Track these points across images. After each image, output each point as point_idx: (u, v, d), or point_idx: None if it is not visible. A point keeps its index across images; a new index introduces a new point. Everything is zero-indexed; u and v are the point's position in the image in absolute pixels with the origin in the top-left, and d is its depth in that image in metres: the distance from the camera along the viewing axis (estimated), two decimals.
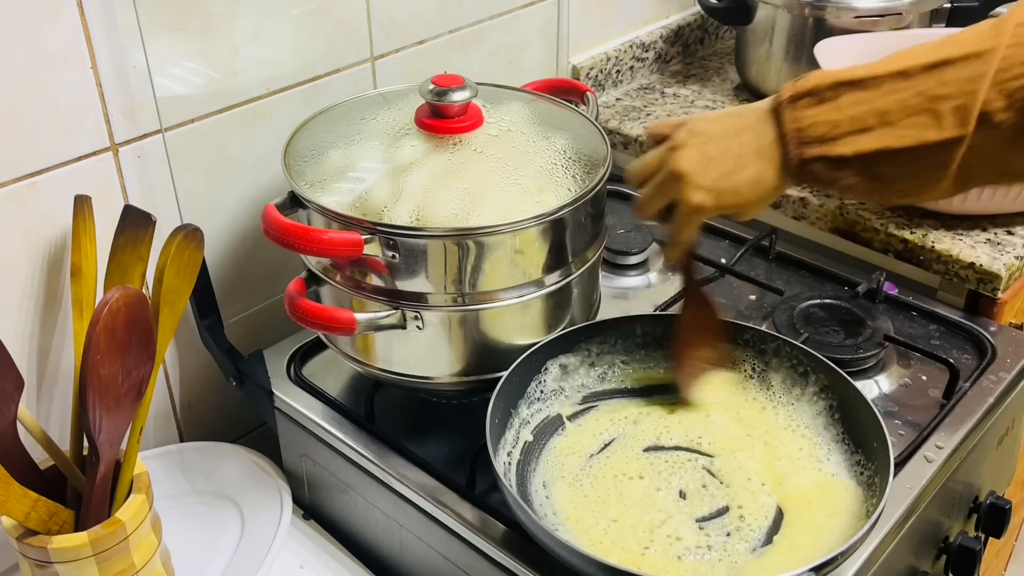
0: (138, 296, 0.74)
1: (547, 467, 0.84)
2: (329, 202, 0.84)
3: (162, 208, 0.96)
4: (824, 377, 0.86)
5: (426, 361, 0.88)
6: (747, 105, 0.80)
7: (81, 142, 0.89)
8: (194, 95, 0.96)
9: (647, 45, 1.48)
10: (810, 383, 0.87)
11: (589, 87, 1.06)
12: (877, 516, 0.72)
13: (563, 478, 0.82)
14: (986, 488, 1.05)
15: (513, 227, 0.81)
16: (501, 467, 0.78)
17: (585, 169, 0.88)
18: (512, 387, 0.85)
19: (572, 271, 0.88)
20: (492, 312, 0.85)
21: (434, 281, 0.83)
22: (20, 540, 0.78)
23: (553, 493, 0.81)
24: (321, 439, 0.95)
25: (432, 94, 0.87)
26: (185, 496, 0.99)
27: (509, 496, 0.74)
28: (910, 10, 1.29)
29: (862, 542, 0.71)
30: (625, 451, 0.85)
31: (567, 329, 0.90)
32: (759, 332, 0.90)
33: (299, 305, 0.83)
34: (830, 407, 0.85)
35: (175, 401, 1.07)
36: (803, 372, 0.87)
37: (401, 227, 0.81)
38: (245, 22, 0.96)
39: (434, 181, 0.84)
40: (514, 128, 0.92)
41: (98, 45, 0.87)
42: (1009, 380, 0.97)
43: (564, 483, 0.82)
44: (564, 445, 0.85)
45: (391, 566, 0.95)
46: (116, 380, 0.74)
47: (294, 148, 0.90)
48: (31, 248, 0.89)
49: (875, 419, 0.79)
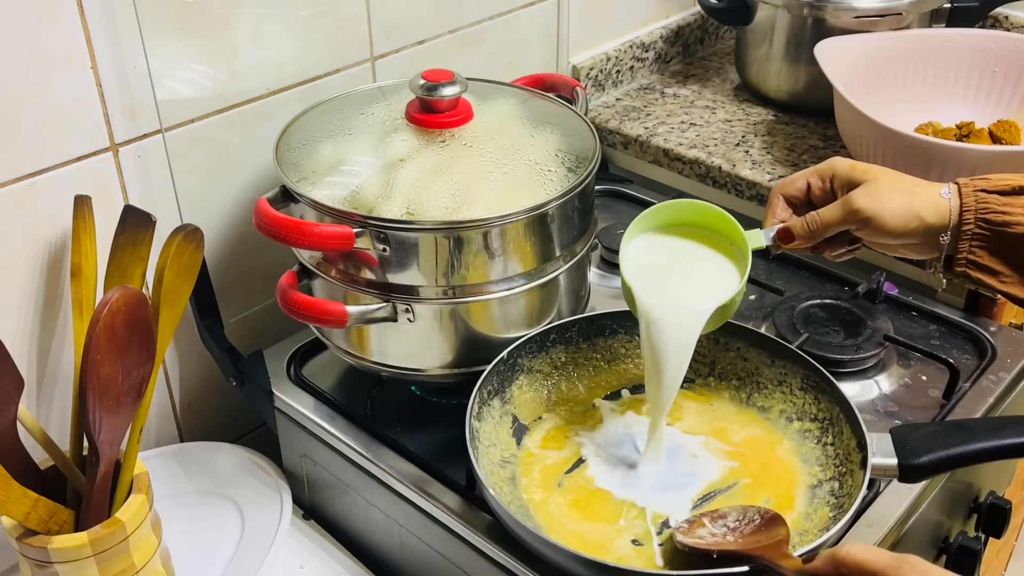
0: (138, 296, 0.74)
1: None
2: (320, 196, 0.84)
3: (162, 208, 0.96)
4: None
5: (418, 353, 0.89)
6: None
7: (81, 142, 0.89)
8: (194, 95, 0.96)
9: (647, 45, 1.48)
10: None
11: (579, 82, 1.07)
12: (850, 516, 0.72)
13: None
14: (986, 488, 1.05)
15: (503, 220, 0.83)
16: (483, 470, 0.78)
17: (574, 164, 0.89)
18: (492, 384, 0.86)
19: (560, 265, 0.89)
20: (482, 305, 0.86)
21: (425, 274, 0.84)
22: (20, 540, 0.78)
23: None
24: (321, 439, 0.95)
25: (422, 89, 0.88)
26: (185, 496, 0.99)
27: (491, 499, 0.76)
28: (910, 10, 1.29)
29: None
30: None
31: (552, 324, 0.90)
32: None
33: (291, 298, 0.84)
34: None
35: (175, 401, 1.07)
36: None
37: (392, 220, 0.82)
38: (245, 22, 0.96)
39: (424, 175, 0.85)
40: (504, 123, 0.92)
41: (98, 45, 0.87)
42: (1009, 380, 0.97)
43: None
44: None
45: (391, 566, 0.95)
46: (116, 380, 0.74)
47: (286, 142, 0.91)
48: (31, 248, 0.89)
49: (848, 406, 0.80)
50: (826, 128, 1.33)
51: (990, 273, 0.81)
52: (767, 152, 1.28)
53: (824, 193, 0.86)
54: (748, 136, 1.32)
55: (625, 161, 1.37)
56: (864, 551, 0.62)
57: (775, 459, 0.84)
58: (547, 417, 0.89)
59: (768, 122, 1.36)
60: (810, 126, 1.35)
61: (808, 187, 0.87)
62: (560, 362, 0.91)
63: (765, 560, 0.67)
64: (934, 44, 1.27)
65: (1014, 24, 1.51)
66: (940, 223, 0.81)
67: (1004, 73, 1.24)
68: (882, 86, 1.24)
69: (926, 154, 1.05)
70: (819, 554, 0.65)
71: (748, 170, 1.23)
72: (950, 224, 0.80)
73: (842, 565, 0.62)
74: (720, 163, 1.25)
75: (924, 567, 0.60)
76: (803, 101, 1.36)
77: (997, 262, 0.80)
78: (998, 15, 1.52)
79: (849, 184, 0.84)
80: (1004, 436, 0.73)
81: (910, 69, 1.26)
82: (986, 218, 0.79)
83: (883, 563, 0.61)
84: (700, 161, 1.27)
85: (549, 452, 0.86)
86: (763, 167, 1.24)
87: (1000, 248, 0.80)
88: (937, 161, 1.04)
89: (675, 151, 1.29)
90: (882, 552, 0.62)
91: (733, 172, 1.24)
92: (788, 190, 0.88)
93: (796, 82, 1.36)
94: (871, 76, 1.23)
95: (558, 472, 0.84)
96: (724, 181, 1.25)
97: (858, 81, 1.18)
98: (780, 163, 1.25)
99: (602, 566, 0.70)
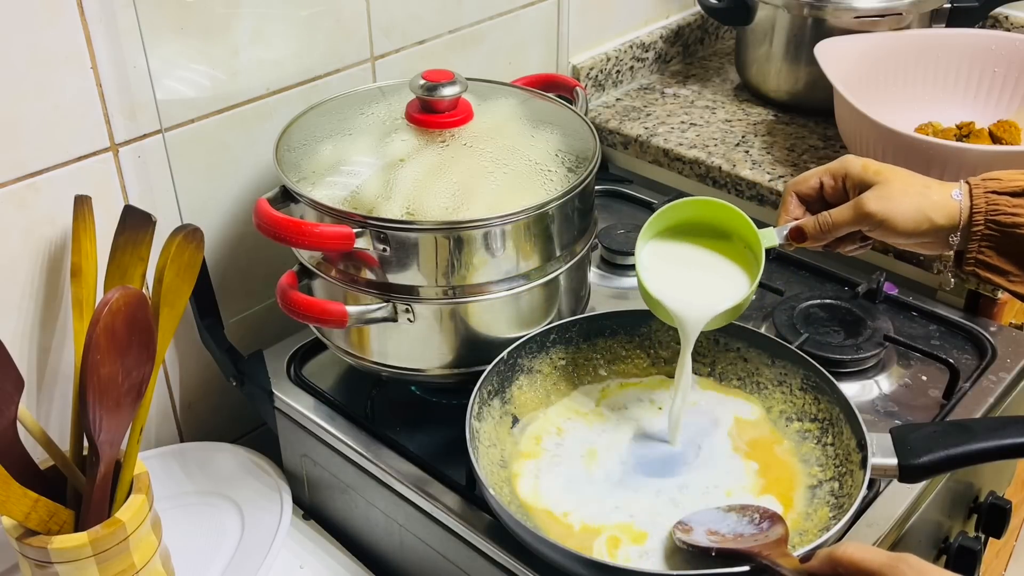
0: (138, 296, 0.74)
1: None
2: (320, 196, 0.84)
3: (162, 208, 0.96)
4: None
5: (418, 353, 0.89)
6: None
7: (81, 142, 0.89)
8: (194, 95, 0.96)
9: (647, 45, 1.48)
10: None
11: (579, 82, 1.07)
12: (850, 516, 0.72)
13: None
14: (986, 488, 1.05)
15: (503, 220, 0.83)
16: (483, 470, 0.78)
17: (574, 164, 0.89)
18: (492, 384, 0.86)
19: (561, 265, 0.89)
20: (482, 305, 0.86)
21: (425, 274, 0.84)
22: (20, 540, 0.78)
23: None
24: (321, 439, 0.95)
25: (422, 89, 0.88)
26: (185, 496, 0.99)
27: (491, 499, 0.76)
28: (910, 10, 1.29)
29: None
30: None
31: (552, 324, 0.90)
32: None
33: (291, 298, 0.84)
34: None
35: (175, 401, 1.07)
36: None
37: (392, 220, 0.82)
38: (245, 22, 0.96)
39: (424, 175, 0.85)
40: (504, 123, 0.93)
41: (98, 45, 0.87)
42: (1009, 380, 0.97)
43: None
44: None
45: (391, 566, 0.95)
46: (116, 380, 0.74)
47: (286, 142, 0.91)
48: (31, 248, 0.89)
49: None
50: (826, 128, 1.33)
51: (999, 273, 0.81)
52: (767, 152, 1.28)
53: (836, 192, 0.87)
54: (748, 136, 1.32)
55: (625, 161, 1.37)
56: (861, 551, 0.62)
57: (775, 459, 0.84)
58: (547, 416, 0.89)
59: (768, 122, 1.36)
60: (810, 126, 1.35)
61: (821, 185, 0.88)
62: (560, 362, 0.91)
63: (764, 559, 0.67)
64: (934, 44, 1.27)
65: (1014, 24, 1.51)
66: (950, 224, 0.81)
67: (1004, 73, 1.24)
68: (882, 86, 1.24)
69: (926, 154, 1.05)
70: (816, 554, 0.65)
71: (748, 170, 1.23)
72: (960, 225, 0.81)
73: (839, 564, 0.62)
74: (720, 163, 1.25)
75: (921, 566, 0.60)
76: (803, 101, 1.36)
77: (1006, 262, 0.81)
78: (998, 15, 1.52)
79: (861, 185, 0.84)
80: (1004, 436, 0.74)
81: (910, 69, 1.26)
82: (996, 220, 0.80)
83: (880, 562, 0.61)
84: (700, 161, 1.27)
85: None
86: (763, 167, 1.24)
87: (1009, 248, 0.80)
88: (937, 161, 1.04)
89: (675, 151, 1.29)
90: (879, 552, 0.62)
91: (733, 172, 1.24)
92: (801, 188, 0.88)
93: (796, 82, 1.36)
94: (871, 76, 1.23)
95: None
96: (724, 181, 1.25)
97: (858, 81, 1.18)
98: (780, 163, 1.25)
99: (602, 566, 0.70)
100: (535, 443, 0.86)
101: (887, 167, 0.84)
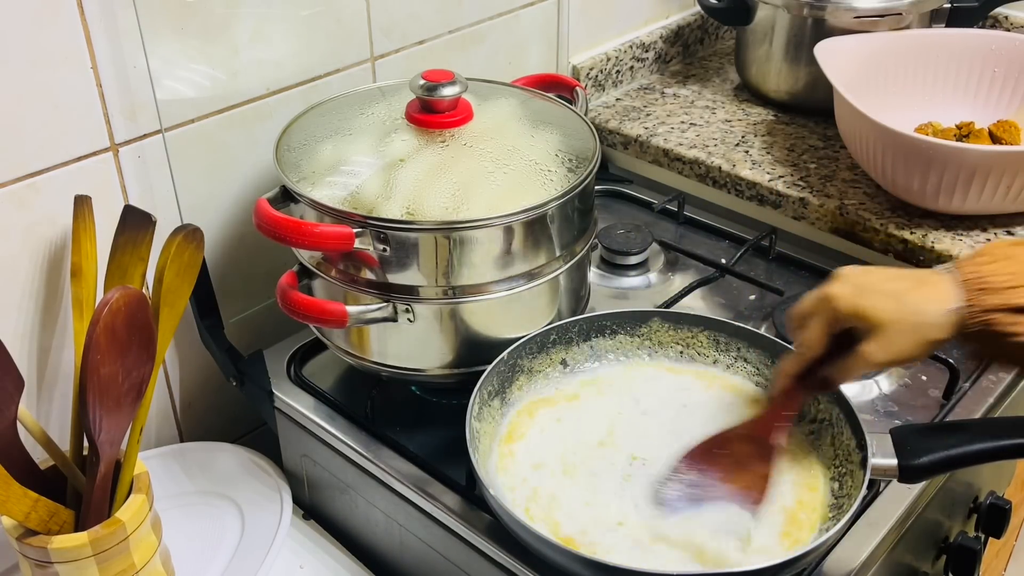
0: (138, 296, 0.74)
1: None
2: (320, 196, 0.84)
3: (162, 208, 0.96)
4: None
5: (418, 353, 0.89)
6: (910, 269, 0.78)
7: (81, 142, 0.89)
8: (194, 95, 0.96)
9: (647, 45, 1.48)
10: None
11: (579, 82, 1.07)
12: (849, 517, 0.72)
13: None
14: (986, 488, 1.05)
15: (503, 220, 0.83)
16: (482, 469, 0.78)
17: (574, 164, 0.89)
18: (492, 385, 0.85)
19: (561, 265, 0.89)
20: (482, 305, 0.86)
21: (425, 274, 0.84)
22: (20, 540, 0.78)
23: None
24: (321, 439, 0.95)
25: (422, 89, 0.88)
26: (185, 496, 0.99)
27: (491, 499, 0.75)
28: (910, 10, 1.29)
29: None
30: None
31: (552, 324, 0.90)
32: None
33: (291, 298, 0.84)
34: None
35: (175, 401, 1.07)
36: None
37: (392, 220, 0.82)
38: (245, 22, 0.96)
39: (424, 175, 0.85)
40: (504, 123, 0.93)
41: (98, 45, 0.87)
42: (1009, 380, 0.97)
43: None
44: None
45: (391, 566, 0.95)
46: (116, 380, 0.74)
47: (286, 142, 0.91)
48: (31, 248, 0.89)
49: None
50: (826, 128, 1.33)
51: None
52: (767, 152, 1.28)
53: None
54: (748, 136, 1.32)
55: (625, 161, 1.37)
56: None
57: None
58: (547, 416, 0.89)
59: (768, 122, 1.36)
60: (810, 126, 1.35)
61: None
62: (560, 362, 0.91)
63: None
64: (934, 44, 1.27)
65: (1014, 24, 1.51)
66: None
67: (1004, 73, 1.24)
68: (882, 86, 1.24)
69: (926, 154, 1.05)
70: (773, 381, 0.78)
71: (748, 170, 1.23)
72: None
73: (784, 367, 0.79)
74: (720, 163, 1.25)
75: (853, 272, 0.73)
76: (803, 101, 1.36)
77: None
78: (998, 15, 1.52)
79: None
80: (1004, 436, 0.73)
81: (910, 69, 1.26)
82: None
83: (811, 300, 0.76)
84: (700, 161, 1.27)
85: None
86: (763, 167, 1.24)
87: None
88: (937, 161, 1.05)
89: (675, 151, 1.29)
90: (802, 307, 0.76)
91: (733, 172, 1.24)
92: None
93: (796, 82, 1.36)
94: (871, 76, 1.23)
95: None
96: (724, 181, 1.25)
97: (858, 81, 1.18)
98: (780, 163, 1.25)
99: (602, 566, 0.70)
100: None
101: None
